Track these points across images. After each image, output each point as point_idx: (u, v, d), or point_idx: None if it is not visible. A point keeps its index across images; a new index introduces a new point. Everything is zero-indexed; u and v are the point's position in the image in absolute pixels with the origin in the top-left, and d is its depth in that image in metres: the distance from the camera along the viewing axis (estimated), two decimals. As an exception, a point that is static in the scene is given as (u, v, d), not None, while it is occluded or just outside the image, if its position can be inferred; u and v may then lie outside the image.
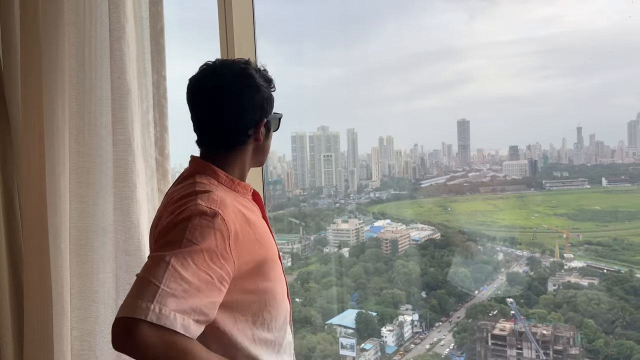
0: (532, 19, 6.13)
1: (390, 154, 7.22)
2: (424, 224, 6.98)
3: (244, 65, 1.36)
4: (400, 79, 7.10)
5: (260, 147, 1.40)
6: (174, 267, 1.09)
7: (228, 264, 1.17)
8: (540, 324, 5.64)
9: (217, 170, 1.33)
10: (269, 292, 1.32)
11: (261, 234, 1.30)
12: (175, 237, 1.15)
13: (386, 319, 6.40)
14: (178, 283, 1.08)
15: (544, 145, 6.80)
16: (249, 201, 1.38)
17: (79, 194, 1.70)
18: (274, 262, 1.34)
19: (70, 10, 1.69)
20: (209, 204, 1.19)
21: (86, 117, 1.69)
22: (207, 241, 1.14)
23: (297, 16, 6.88)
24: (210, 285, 1.13)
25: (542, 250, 6.41)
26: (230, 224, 1.19)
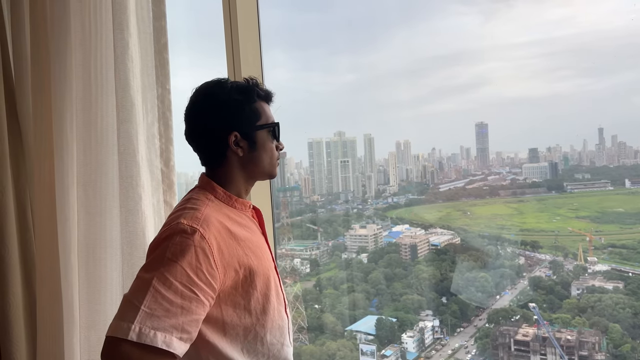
0: (547, 20, 6.05)
1: (408, 158, 7.19)
2: (443, 228, 6.92)
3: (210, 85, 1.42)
4: (415, 82, 7.07)
5: (246, 160, 1.41)
6: (155, 288, 1.14)
7: (214, 279, 1.22)
8: (564, 329, 5.54)
9: (215, 186, 1.39)
10: (262, 306, 1.35)
11: (252, 249, 1.34)
12: (157, 256, 1.21)
13: (406, 325, 6.36)
14: (159, 303, 1.14)
15: (565, 147, 6.70)
16: (247, 217, 1.42)
17: (87, 205, 1.74)
18: (266, 276, 1.37)
19: (77, 28, 1.73)
20: (190, 222, 1.24)
21: (93, 131, 1.73)
22: (188, 258, 1.18)
23: (310, 23, 6.91)
24: (194, 301, 1.17)
25: (564, 253, 6.31)
26: (211, 240, 1.23)
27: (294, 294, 6.52)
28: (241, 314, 1.32)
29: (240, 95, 1.38)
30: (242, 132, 1.39)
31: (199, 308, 1.19)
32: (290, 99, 7.28)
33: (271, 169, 1.48)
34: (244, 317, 1.32)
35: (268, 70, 6.80)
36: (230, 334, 1.30)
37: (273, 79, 7.26)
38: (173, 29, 3.11)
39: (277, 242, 6.68)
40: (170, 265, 1.17)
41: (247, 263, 1.31)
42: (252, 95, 1.40)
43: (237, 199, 1.41)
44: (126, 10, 1.69)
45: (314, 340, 6.53)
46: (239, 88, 1.39)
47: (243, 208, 1.43)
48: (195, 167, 4.72)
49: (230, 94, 1.37)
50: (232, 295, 1.29)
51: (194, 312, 1.18)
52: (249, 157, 1.41)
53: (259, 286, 1.34)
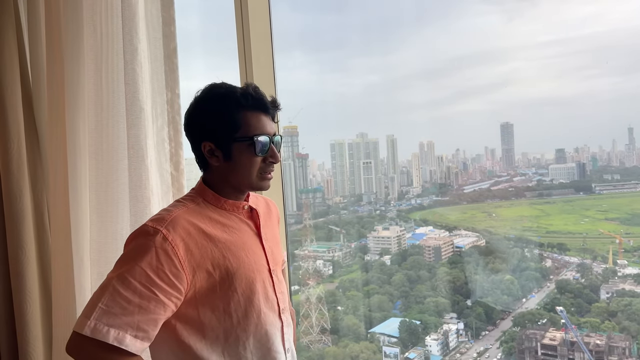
0: (573, 18, 5.94)
1: (431, 159, 7.13)
2: (467, 230, 6.84)
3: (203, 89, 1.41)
4: (438, 83, 7.01)
5: (225, 169, 1.38)
6: (113, 287, 1.19)
7: (178, 279, 1.23)
8: (593, 334, 5.43)
9: (205, 189, 1.40)
10: (244, 310, 1.33)
11: (233, 251, 1.33)
12: (121, 257, 1.25)
13: (430, 327, 6.31)
14: (116, 301, 1.18)
15: (593, 147, 6.56)
16: (237, 219, 1.41)
17: (98, 209, 1.77)
18: (249, 279, 1.34)
19: (89, 35, 1.77)
20: (155, 224, 1.26)
21: (104, 135, 1.76)
22: (148, 259, 1.20)
23: (331, 25, 6.92)
24: (153, 301, 1.20)
25: (593, 256, 6.18)
26: (176, 241, 1.24)
27: (316, 295, 6.53)
28: (221, 316, 1.31)
29: (220, 104, 1.34)
30: (217, 143, 1.35)
31: (158, 308, 1.21)
32: (312, 101, 7.31)
33: (250, 182, 1.39)
34: (224, 319, 1.31)
35: (290, 73, 6.82)
36: (209, 336, 1.30)
37: (295, 81, 7.30)
38: (189, 33, 3.16)
39: (299, 243, 6.71)
40: (130, 265, 1.20)
41: (223, 265, 1.30)
42: (231, 103, 1.34)
43: (227, 200, 1.40)
44: (135, 16, 1.72)
45: (337, 342, 6.53)
46: (224, 95, 1.35)
47: (234, 209, 1.41)
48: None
49: (211, 102, 1.36)
50: (210, 297, 1.29)
51: (152, 312, 1.20)
52: (226, 167, 1.37)
53: (240, 289, 1.32)
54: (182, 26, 2.42)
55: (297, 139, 6.87)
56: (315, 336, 6.48)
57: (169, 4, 1.84)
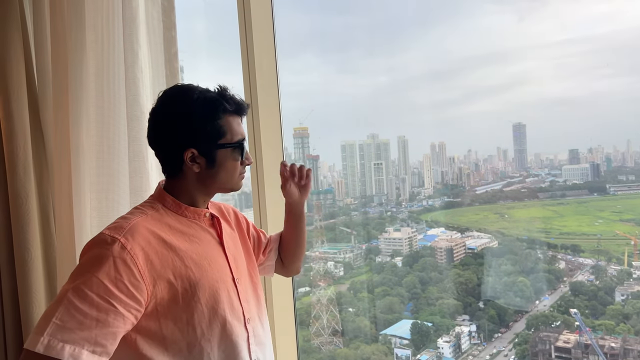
0: (586, 17, 5.87)
1: (443, 160, 7.09)
2: (480, 231, 6.79)
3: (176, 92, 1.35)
4: (450, 84, 6.97)
5: (204, 176, 1.35)
6: (68, 300, 1.13)
7: (138, 290, 1.18)
8: (608, 336, 5.36)
9: (165, 195, 1.36)
10: (208, 320, 1.29)
11: (195, 260, 1.29)
12: (77, 268, 1.20)
13: (442, 329, 6.28)
14: (72, 315, 1.12)
15: (607, 147, 6.47)
16: (199, 226, 1.37)
17: (100, 212, 1.79)
18: (213, 288, 1.30)
19: (91, 40, 1.79)
20: (112, 232, 1.21)
21: (105, 139, 1.78)
22: (105, 269, 1.15)
23: (343, 27, 6.91)
24: (112, 314, 1.14)
25: (607, 258, 6.10)
26: (135, 250, 1.19)
27: (327, 297, 6.53)
28: (184, 328, 1.26)
29: (204, 110, 1.30)
30: (201, 149, 1.32)
31: (117, 321, 1.16)
32: (323, 102, 7.32)
33: (232, 186, 1.40)
34: (187, 331, 1.26)
35: (301, 74, 6.83)
36: (172, 348, 1.25)
37: (306, 83, 7.31)
38: (195, 36, 3.19)
39: (310, 245, 6.72)
40: (86, 276, 1.15)
41: (185, 274, 1.26)
42: (217, 110, 1.31)
43: (188, 207, 1.36)
44: (136, 21, 1.74)
45: (348, 343, 6.52)
46: (206, 101, 1.31)
47: (195, 217, 1.37)
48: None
49: (193, 107, 1.29)
50: (173, 308, 1.24)
51: (111, 325, 1.15)
52: (206, 173, 1.34)
53: (204, 299, 1.28)
54: (188, 30, 2.45)
55: (308, 141, 6.87)
56: (327, 338, 6.48)
57: (170, 8, 1.86)
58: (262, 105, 2.28)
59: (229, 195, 4.71)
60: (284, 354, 2.38)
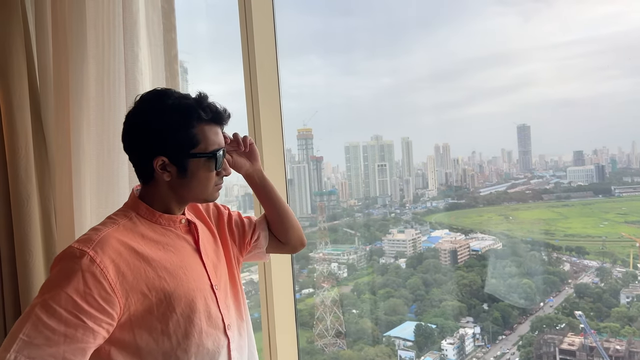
0: (590, 18, 5.85)
1: (447, 161, 7.08)
2: (484, 233, 6.78)
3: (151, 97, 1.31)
4: (454, 85, 6.96)
5: (175, 185, 1.31)
6: (37, 316, 1.10)
7: (109, 304, 1.15)
8: (613, 339, 5.34)
9: (139, 203, 1.32)
10: (184, 330, 1.26)
11: (169, 269, 1.26)
12: (45, 282, 1.17)
13: (446, 331, 6.27)
14: (39, 331, 1.09)
15: (612, 149, 6.44)
16: (174, 234, 1.33)
17: (99, 214, 1.80)
18: (188, 298, 1.27)
19: (92, 42, 1.80)
20: (82, 245, 1.18)
21: (105, 141, 1.79)
22: (74, 283, 1.12)
23: (347, 28, 6.92)
24: (81, 329, 1.12)
25: (612, 260, 6.08)
26: (105, 262, 1.16)
27: (331, 298, 6.53)
28: (159, 338, 1.23)
29: (178, 117, 1.25)
30: (172, 158, 1.27)
31: (87, 336, 1.13)
32: (327, 103, 7.33)
33: (206, 196, 1.35)
34: (163, 341, 1.23)
35: (305, 76, 6.83)
36: (147, 359, 1.23)
37: (310, 84, 7.32)
38: (198, 38, 3.21)
39: (314, 246, 6.72)
40: (54, 291, 1.12)
41: (159, 285, 1.22)
42: (191, 118, 1.26)
43: (163, 214, 1.32)
44: (136, 24, 1.75)
45: (352, 345, 6.52)
46: (179, 108, 1.26)
47: (170, 224, 1.33)
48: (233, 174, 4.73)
49: (166, 114, 1.25)
50: (147, 319, 1.21)
51: (80, 340, 1.12)
52: (178, 183, 1.30)
53: (179, 309, 1.25)
54: (192, 32, 2.45)
55: (312, 142, 6.89)
56: (330, 339, 6.47)
57: (170, 11, 1.87)
58: (263, 106, 2.28)
59: (232, 197, 4.73)
60: (284, 356, 2.38)
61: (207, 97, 1.30)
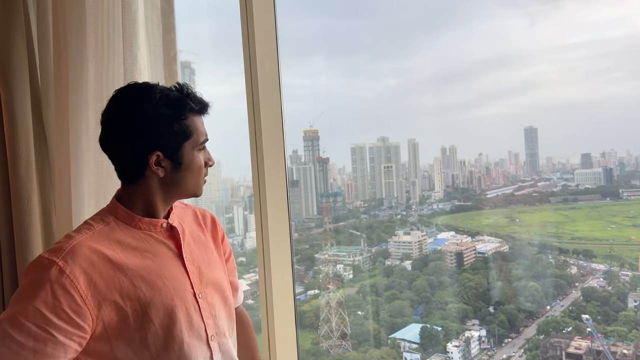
0: (598, 20, 5.81)
1: (454, 163, 7.05)
2: (490, 235, 6.75)
3: (135, 91, 1.26)
4: (461, 87, 6.95)
5: (167, 181, 1.26)
6: (4, 331, 1.06)
7: (80, 317, 1.10)
8: (620, 343, 5.30)
9: (117, 205, 1.26)
10: (162, 341, 1.20)
11: (145, 278, 1.20)
12: (14, 295, 1.12)
13: (452, 334, 6.25)
14: (8, 346, 1.05)
15: (620, 152, 6.40)
16: (153, 239, 1.27)
17: (97, 213, 1.81)
18: (167, 307, 1.21)
19: (91, 41, 1.81)
20: (51, 254, 1.12)
21: (104, 140, 1.80)
22: (42, 296, 1.07)
23: (353, 29, 6.92)
24: (50, 343, 1.07)
25: (620, 263, 6.04)
26: (76, 273, 1.10)
27: (336, 299, 6.53)
28: (137, 349, 1.17)
29: (169, 110, 1.21)
30: (167, 151, 1.22)
31: (57, 350, 1.08)
32: (332, 105, 7.33)
33: (195, 190, 1.31)
34: (141, 352, 1.18)
35: (311, 77, 6.84)
36: None
37: (316, 85, 7.33)
38: (201, 38, 3.22)
39: (320, 247, 6.72)
40: (22, 304, 1.07)
41: (134, 294, 1.16)
42: (184, 109, 1.22)
43: (143, 218, 1.26)
44: (135, 24, 1.75)
45: (357, 347, 6.51)
46: (170, 100, 1.22)
47: (150, 228, 1.27)
48: (240, 172, 4.72)
49: (157, 108, 1.20)
50: (124, 330, 1.16)
51: (50, 356, 1.07)
52: (171, 177, 1.25)
53: (157, 319, 1.18)
54: (198, 33, 2.45)
55: (318, 143, 6.89)
56: (335, 340, 6.47)
57: (169, 11, 1.87)
58: (263, 108, 2.28)
59: (238, 197, 4.72)
60: (284, 357, 2.38)
61: (189, 87, 1.27)
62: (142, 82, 1.30)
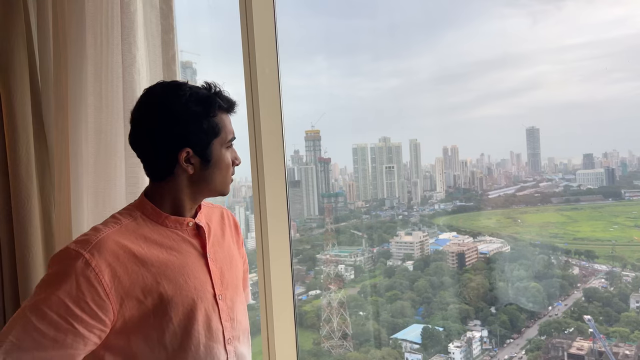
0: (600, 20, 5.80)
1: (455, 164, 7.05)
2: (492, 236, 6.74)
3: (165, 89, 1.27)
4: (462, 87, 6.94)
5: (197, 178, 1.27)
6: (27, 318, 1.07)
7: (102, 310, 1.11)
8: (622, 344, 5.30)
9: (145, 202, 1.28)
10: (180, 341, 1.21)
11: (168, 275, 1.20)
12: (39, 284, 1.13)
13: (453, 334, 6.24)
14: (29, 334, 1.06)
15: (622, 152, 6.38)
16: (179, 237, 1.28)
17: (96, 214, 1.81)
18: (188, 306, 1.22)
19: (90, 42, 1.82)
20: (78, 246, 1.13)
21: (102, 140, 1.80)
22: (66, 287, 1.08)
23: (353, 29, 6.92)
24: (71, 334, 1.08)
25: (622, 264, 6.02)
26: (101, 266, 1.11)
27: (338, 300, 6.53)
28: (154, 347, 1.18)
29: (199, 107, 1.22)
30: (196, 148, 1.24)
31: (77, 342, 1.09)
32: (334, 105, 7.33)
33: (223, 188, 1.32)
34: (158, 351, 1.19)
35: (312, 77, 6.85)
36: None
37: (318, 85, 7.33)
38: (202, 39, 3.22)
39: (321, 247, 6.72)
40: (46, 293, 1.09)
41: (156, 291, 1.17)
42: (212, 107, 1.24)
43: (169, 216, 1.27)
44: (134, 25, 1.76)
45: (358, 347, 6.51)
46: (199, 98, 1.23)
47: (176, 226, 1.28)
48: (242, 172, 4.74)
49: (187, 105, 1.22)
50: (143, 326, 1.17)
51: (70, 346, 1.08)
52: (200, 175, 1.26)
53: (176, 318, 1.20)
54: (199, 33, 2.45)
55: (320, 143, 6.89)
56: (337, 341, 6.47)
57: (168, 12, 1.87)
58: (263, 109, 2.28)
59: (239, 197, 4.73)
60: (283, 358, 2.38)
61: (218, 86, 1.29)
62: (171, 81, 1.32)
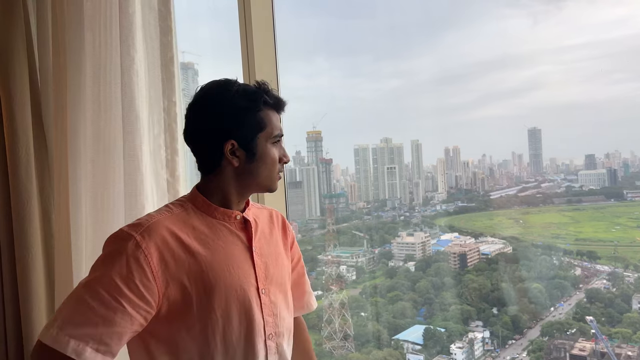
0: (601, 21, 5.80)
1: (457, 164, 7.05)
2: (494, 237, 6.74)
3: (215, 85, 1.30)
4: (463, 87, 6.95)
5: (242, 171, 1.29)
6: (80, 295, 1.13)
7: (149, 292, 1.14)
8: (625, 344, 5.29)
9: (196, 194, 1.31)
10: (222, 332, 1.23)
11: (213, 265, 1.23)
12: (94, 264, 1.19)
13: (455, 335, 6.23)
14: (81, 311, 1.11)
15: (624, 153, 6.37)
16: (227, 229, 1.30)
17: (95, 216, 1.82)
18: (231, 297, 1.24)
19: (89, 43, 1.83)
20: (131, 228, 1.18)
21: (101, 142, 1.81)
22: (117, 267, 1.13)
23: (356, 31, 6.93)
24: (119, 313, 1.12)
25: (624, 265, 6.01)
26: (150, 248, 1.15)
27: (339, 301, 6.52)
28: (196, 337, 1.21)
29: (244, 101, 1.26)
30: (241, 141, 1.27)
31: (125, 321, 1.12)
32: (335, 106, 7.35)
33: (270, 183, 1.33)
34: (200, 341, 1.21)
35: (315, 78, 6.85)
36: (183, 358, 1.21)
37: (320, 86, 7.34)
38: (201, 41, 3.23)
39: (323, 248, 6.72)
40: (99, 272, 1.14)
41: (200, 279, 1.20)
42: (258, 102, 1.27)
43: (218, 208, 1.29)
44: (132, 26, 1.77)
45: (360, 348, 6.51)
46: (246, 93, 1.27)
47: (225, 218, 1.30)
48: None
49: (233, 99, 1.26)
50: (186, 314, 1.19)
51: (117, 325, 1.12)
52: (246, 168, 1.29)
53: (219, 309, 1.22)
54: (195, 34, 2.46)
55: (321, 144, 6.90)
56: (338, 342, 6.46)
57: (166, 13, 1.88)
58: (262, 109, 2.29)
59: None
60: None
61: (267, 84, 1.30)
62: (223, 78, 1.34)
